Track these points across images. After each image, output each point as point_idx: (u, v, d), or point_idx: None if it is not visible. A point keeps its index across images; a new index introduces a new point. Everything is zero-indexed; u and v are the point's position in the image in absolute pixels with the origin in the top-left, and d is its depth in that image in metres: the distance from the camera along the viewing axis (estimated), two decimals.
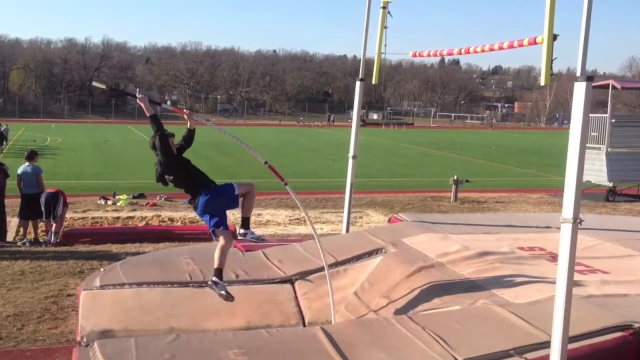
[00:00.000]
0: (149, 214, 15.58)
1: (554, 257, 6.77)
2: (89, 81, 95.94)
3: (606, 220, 11.36)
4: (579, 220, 4.64)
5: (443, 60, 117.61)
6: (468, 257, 7.24)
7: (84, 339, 6.24)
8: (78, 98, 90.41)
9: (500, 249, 7.62)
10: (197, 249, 9.37)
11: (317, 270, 7.59)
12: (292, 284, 7.45)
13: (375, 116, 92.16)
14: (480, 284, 6.41)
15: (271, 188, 16.56)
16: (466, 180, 19.54)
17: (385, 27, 9.39)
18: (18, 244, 12.14)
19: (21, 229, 12.75)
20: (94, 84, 8.24)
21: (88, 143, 40.36)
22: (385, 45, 9.41)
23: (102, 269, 8.10)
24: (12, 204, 13.53)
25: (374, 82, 10.07)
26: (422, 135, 58.88)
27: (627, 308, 5.46)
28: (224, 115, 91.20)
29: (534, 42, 5.34)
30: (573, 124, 4.67)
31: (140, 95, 6.54)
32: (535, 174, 28.39)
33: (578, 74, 4.64)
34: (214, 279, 6.42)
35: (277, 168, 6.78)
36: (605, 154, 19.63)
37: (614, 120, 19.97)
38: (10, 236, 12.85)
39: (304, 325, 6.72)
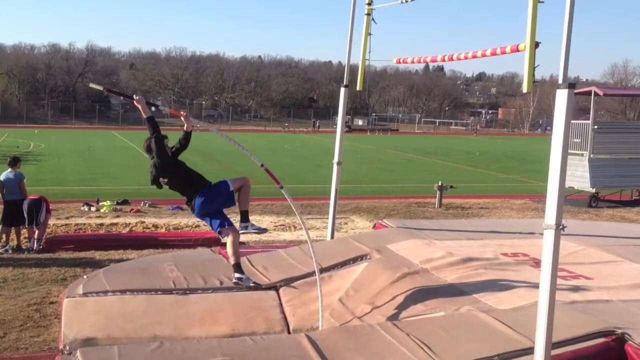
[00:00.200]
0: (132, 221, 15.50)
1: (537, 263, 6.80)
2: (73, 87, 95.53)
3: (589, 226, 11.46)
4: (561, 226, 4.67)
5: (427, 66, 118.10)
6: (452, 263, 7.26)
7: (67, 347, 6.19)
8: (62, 104, 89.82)
9: (484, 255, 7.65)
10: (181, 256, 9.33)
11: (302, 276, 7.59)
12: (277, 290, 7.43)
13: (360, 122, 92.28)
14: (464, 290, 6.43)
15: (256, 194, 16.49)
16: (451, 186, 19.61)
17: (370, 34, 9.42)
18: (0, 250, 12.02)
19: (3, 236, 12.63)
20: (91, 85, 8.15)
21: (71, 149, 40.09)
22: (370, 51, 9.45)
23: (85, 276, 8.05)
24: None
25: (358, 89, 10.10)
26: (407, 141, 59.04)
27: (610, 314, 5.49)
28: (208, 121, 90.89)
29: (516, 50, 5.37)
30: (555, 131, 4.71)
31: (137, 97, 6.55)
32: (519, 180, 28.54)
33: (560, 81, 4.67)
34: (237, 275, 6.60)
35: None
36: (587, 160, 19.78)
37: (596, 127, 20.13)
38: None
39: (289, 332, 6.70)
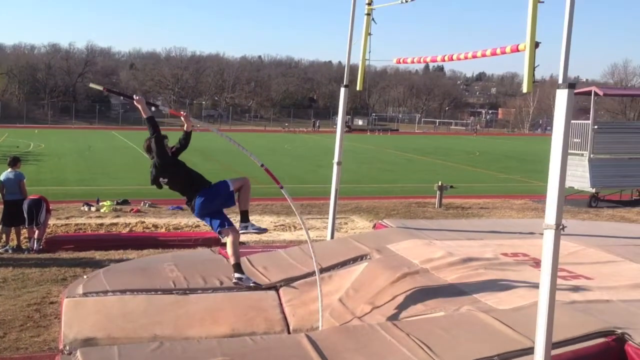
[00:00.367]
0: (132, 221, 15.50)
1: (537, 263, 6.80)
2: (73, 87, 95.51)
3: (589, 226, 11.46)
4: (561, 226, 4.67)
5: (427, 66, 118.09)
6: (452, 263, 7.26)
7: (67, 347, 6.19)
8: (62, 104, 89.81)
9: (484, 255, 7.64)
10: (181, 256, 9.33)
11: (302, 276, 7.59)
12: (277, 290, 7.43)
13: (360, 122, 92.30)
14: (464, 290, 6.43)
15: (256, 194, 16.49)
16: (451, 186, 19.61)
17: (370, 34, 9.42)
18: (0, 250, 12.02)
19: (3, 236, 12.63)
20: (91, 85, 8.14)
21: (71, 149, 40.09)
22: (370, 51, 9.45)
23: (85, 276, 8.05)
24: None
25: (358, 89, 10.10)
26: (407, 141, 59.04)
27: (610, 314, 5.49)
28: (208, 121, 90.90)
29: (516, 50, 5.36)
30: (555, 131, 4.71)
31: (137, 97, 6.56)
32: (519, 180, 28.54)
33: (560, 81, 4.67)
34: (237, 275, 6.62)
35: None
36: (587, 160, 19.78)
37: (596, 127, 20.12)
38: None
39: (289, 332, 6.70)
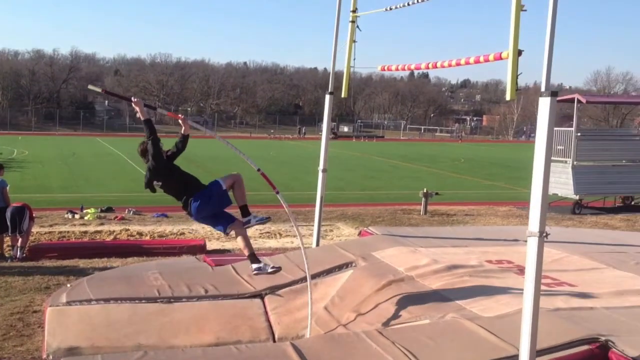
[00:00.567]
0: (117, 228, 15.40)
1: (521, 270, 6.83)
2: (57, 93, 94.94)
3: (573, 233, 11.54)
4: (545, 234, 4.70)
5: (412, 73, 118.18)
6: (437, 271, 7.28)
7: (50, 357, 6.15)
8: (45, 110, 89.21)
9: (469, 262, 7.67)
10: (166, 264, 9.30)
11: (287, 284, 7.59)
12: (262, 298, 7.42)
13: (346, 129, 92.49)
14: (449, 297, 6.44)
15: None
16: (436, 193, 19.67)
17: (354, 41, 9.44)
18: None
19: None
20: (90, 87, 8.09)
21: (55, 156, 39.82)
22: (355, 59, 9.47)
23: (69, 285, 7.99)
24: None
25: (343, 96, 10.12)
26: (393, 148, 59.18)
27: (594, 321, 5.52)
28: (194, 128, 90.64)
29: (499, 58, 5.38)
30: (538, 139, 4.74)
31: (135, 99, 6.60)
32: (503, 187, 28.68)
33: (542, 89, 4.71)
34: (254, 266, 6.60)
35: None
36: (571, 167, 19.91)
37: (579, 134, 20.28)
38: None
39: (274, 341, 6.69)
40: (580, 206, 20.18)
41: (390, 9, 8.44)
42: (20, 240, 12.20)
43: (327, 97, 9.98)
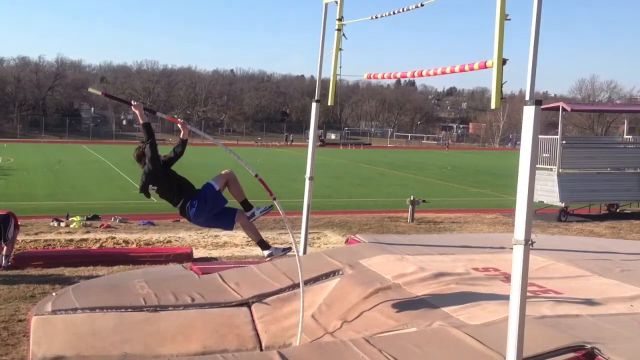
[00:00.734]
0: (103, 236, 15.31)
1: (508, 278, 6.85)
2: (43, 100, 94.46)
3: (558, 241, 11.60)
4: (530, 242, 4.73)
5: (399, 81, 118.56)
6: (424, 279, 7.29)
7: None
8: (31, 117, 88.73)
9: (456, 270, 7.69)
10: (152, 272, 9.26)
11: (275, 292, 7.57)
12: (249, 307, 7.39)
13: (333, 136, 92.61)
14: (436, 305, 6.45)
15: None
16: (423, 201, 19.72)
17: (340, 49, 9.46)
18: None
19: None
20: (90, 90, 8.14)
21: (41, 163, 39.58)
22: (341, 66, 9.47)
23: (54, 294, 7.93)
24: None
25: (330, 104, 10.12)
26: (380, 155, 59.31)
27: (580, 329, 5.55)
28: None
29: (484, 67, 5.41)
30: (523, 147, 4.78)
31: (135, 103, 6.70)
32: (490, 194, 28.80)
33: (527, 97, 4.75)
34: (266, 252, 6.78)
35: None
36: (556, 174, 20.04)
37: (564, 142, 20.42)
38: None
39: (261, 350, 6.67)
40: (566, 214, 20.30)
41: (377, 17, 8.47)
42: (5, 248, 12.10)
43: (314, 105, 10.00)
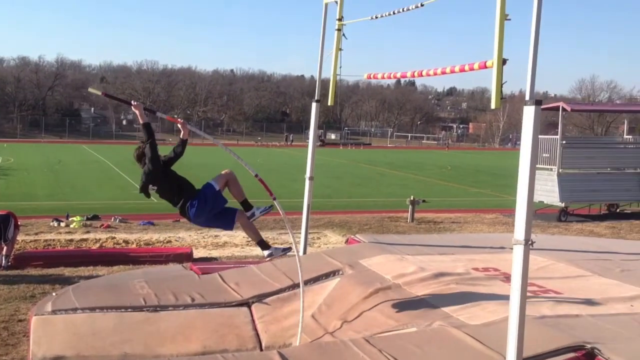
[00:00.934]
0: (103, 236, 15.31)
1: (508, 278, 6.85)
2: (43, 100, 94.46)
3: (558, 241, 11.60)
4: (530, 242, 4.73)
5: (399, 81, 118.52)
6: (424, 279, 7.28)
7: None
8: (31, 117, 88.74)
9: (456, 270, 7.69)
10: (152, 272, 9.26)
11: (275, 292, 7.57)
12: (249, 307, 7.39)
13: (333, 136, 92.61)
14: (436, 305, 6.45)
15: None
16: (423, 201, 19.71)
17: (340, 49, 9.45)
18: None
19: None
20: (90, 90, 8.15)
21: (41, 163, 39.58)
22: (341, 66, 9.47)
23: (54, 294, 7.93)
24: None
25: (330, 104, 10.12)
26: (380, 155, 59.30)
27: (580, 329, 5.55)
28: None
29: (484, 66, 5.40)
30: (523, 147, 4.78)
31: (135, 103, 6.72)
32: (490, 194, 28.80)
33: (527, 97, 4.75)
34: (266, 252, 6.78)
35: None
36: (556, 175, 20.03)
37: (564, 142, 20.42)
38: None
39: (261, 349, 6.66)
40: (566, 214, 20.30)
41: (377, 17, 8.47)
42: (5, 248, 12.11)
43: (314, 105, 10.00)
